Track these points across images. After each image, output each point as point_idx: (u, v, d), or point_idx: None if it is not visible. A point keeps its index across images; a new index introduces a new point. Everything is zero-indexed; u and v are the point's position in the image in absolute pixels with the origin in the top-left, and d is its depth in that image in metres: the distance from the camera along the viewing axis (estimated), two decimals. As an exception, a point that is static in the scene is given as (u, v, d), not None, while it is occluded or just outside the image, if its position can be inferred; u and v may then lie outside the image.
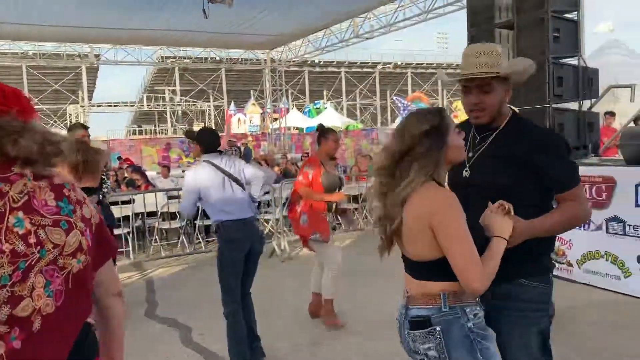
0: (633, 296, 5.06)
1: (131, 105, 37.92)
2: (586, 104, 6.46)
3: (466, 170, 2.16)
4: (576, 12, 6.27)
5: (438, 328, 1.79)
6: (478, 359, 1.78)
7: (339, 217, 5.71)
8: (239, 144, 19.52)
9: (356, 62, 42.18)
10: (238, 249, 3.89)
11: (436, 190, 1.82)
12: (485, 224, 1.90)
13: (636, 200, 5.11)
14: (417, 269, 1.88)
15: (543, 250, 2.16)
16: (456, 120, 2.16)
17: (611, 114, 9.67)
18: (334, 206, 4.87)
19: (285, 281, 6.34)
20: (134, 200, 8.06)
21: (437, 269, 1.80)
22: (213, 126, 39.18)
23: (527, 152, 2.04)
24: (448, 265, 1.75)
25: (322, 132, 4.92)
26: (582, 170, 3.79)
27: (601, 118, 8.06)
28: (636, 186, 5.11)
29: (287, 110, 28.36)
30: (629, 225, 5.17)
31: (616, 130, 7.78)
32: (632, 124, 7.19)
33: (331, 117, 26.78)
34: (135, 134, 32.80)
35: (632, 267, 5.13)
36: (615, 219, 5.29)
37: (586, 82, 6.28)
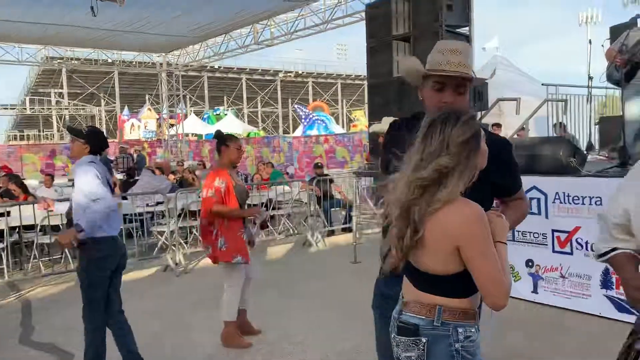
0: (521, 299, 5.30)
1: (12, 109, 34.87)
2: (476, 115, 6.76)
3: None
4: (468, 28, 6.56)
5: (424, 339, 1.74)
6: None
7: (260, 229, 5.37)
8: (131, 151, 18.55)
9: (257, 69, 41.98)
10: (110, 267, 3.61)
11: (466, 203, 1.69)
12: None
13: (523, 208, 5.38)
14: (422, 279, 1.79)
15: None
16: (354, 130, 2.01)
17: (498, 125, 10.28)
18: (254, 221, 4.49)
19: (183, 297, 5.98)
20: (8, 212, 7.27)
21: (442, 283, 1.74)
22: (104, 131, 37.13)
23: (494, 166, 1.94)
24: (455, 283, 1.72)
25: (222, 139, 4.43)
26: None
27: (489, 129, 8.50)
28: (523, 195, 5.38)
29: (185, 116, 27.50)
30: (517, 231, 5.43)
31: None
32: (516, 135, 7.66)
33: (232, 124, 26.36)
34: (16, 139, 30.19)
35: (521, 272, 5.39)
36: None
37: (476, 95, 6.57)
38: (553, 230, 5.19)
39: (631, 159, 4.93)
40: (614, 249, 1.65)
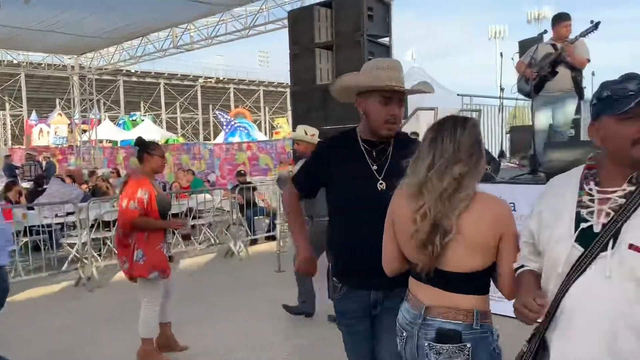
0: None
1: None
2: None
3: (380, 183, 2.20)
4: (388, 38, 6.70)
5: (469, 345, 1.77)
6: None
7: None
8: (39, 158, 17.43)
9: (176, 74, 40.90)
10: None
11: (494, 197, 1.82)
12: None
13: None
14: (451, 280, 1.81)
15: None
16: (276, 137, 2.01)
17: (415, 134, 10.60)
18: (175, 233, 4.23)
19: (96, 313, 5.61)
20: None
21: (473, 281, 1.80)
22: (9, 138, 34.70)
23: None
24: (482, 279, 1.81)
25: (145, 146, 4.14)
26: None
27: (409, 137, 8.73)
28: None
29: (99, 122, 26.26)
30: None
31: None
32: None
33: (149, 130, 25.43)
34: None
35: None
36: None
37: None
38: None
39: (541, 166, 5.20)
40: (522, 266, 1.72)
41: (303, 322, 5.02)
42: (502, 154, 7.89)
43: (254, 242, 9.10)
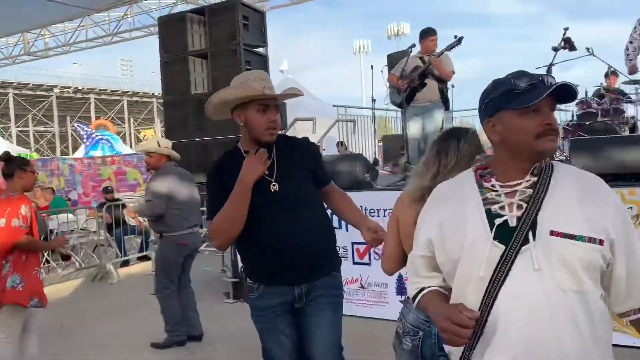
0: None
1: None
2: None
3: (273, 185, 2.35)
4: (264, 48, 6.63)
5: None
6: None
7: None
8: None
9: (28, 84, 37.36)
10: None
11: None
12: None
13: (325, 224, 5.55)
14: None
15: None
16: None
17: (343, 144, 10.67)
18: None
19: None
20: None
21: None
22: None
23: (309, 160, 2.46)
24: None
25: (18, 162, 3.76)
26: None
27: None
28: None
29: None
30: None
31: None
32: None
33: (-3, 145, 22.85)
34: None
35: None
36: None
37: (276, 114, 6.66)
38: (353, 243, 5.45)
39: (416, 174, 5.43)
40: (422, 289, 1.62)
41: (185, 350, 4.72)
42: (376, 162, 8.20)
43: (125, 263, 8.48)
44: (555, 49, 5.19)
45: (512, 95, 1.44)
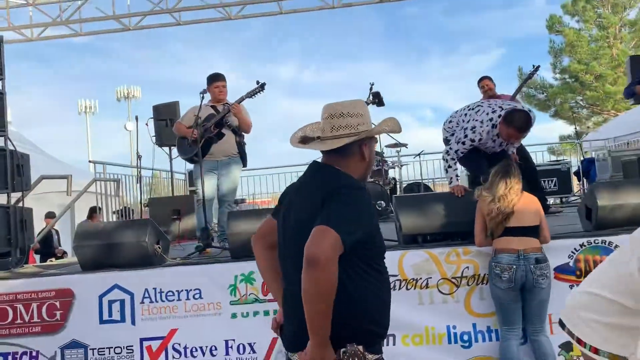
0: None
1: None
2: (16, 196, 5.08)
3: None
4: (1, 82, 4.92)
5: (546, 263, 3.52)
6: None
7: None
8: None
9: None
10: None
11: (530, 195, 3.86)
12: None
13: (100, 316, 4.05)
14: (530, 231, 3.57)
15: None
16: None
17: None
18: None
19: None
20: None
21: (535, 232, 3.60)
22: None
23: None
24: (537, 231, 3.62)
25: None
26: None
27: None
28: (100, 297, 4.05)
29: None
30: (92, 349, 4.03)
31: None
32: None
33: None
34: None
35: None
36: (73, 344, 4.04)
37: (17, 169, 4.94)
38: (142, 340, 4.07)
39: (228, 240, 4.39)
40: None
41: None
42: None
43: None
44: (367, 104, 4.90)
45: None
